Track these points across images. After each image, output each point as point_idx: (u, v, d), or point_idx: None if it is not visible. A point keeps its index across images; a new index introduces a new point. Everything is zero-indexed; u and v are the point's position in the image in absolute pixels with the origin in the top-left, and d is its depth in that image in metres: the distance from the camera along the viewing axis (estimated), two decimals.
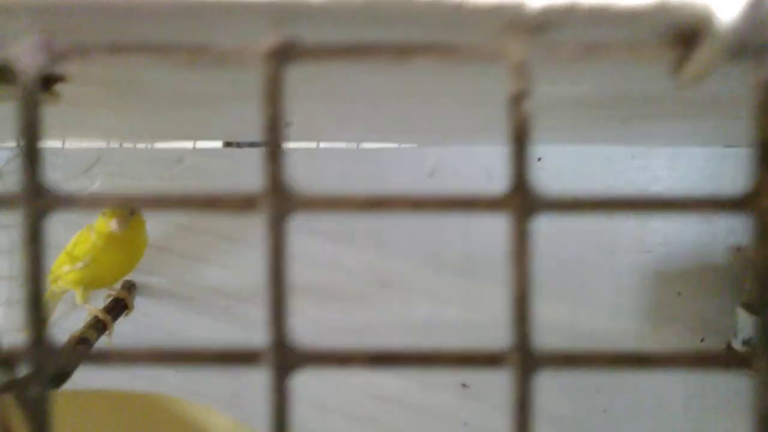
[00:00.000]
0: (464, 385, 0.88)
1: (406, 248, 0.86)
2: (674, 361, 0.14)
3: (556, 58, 0.14)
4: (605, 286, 0.86)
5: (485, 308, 0.85)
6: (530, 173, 0.14)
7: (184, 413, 0.29)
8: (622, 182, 0.84)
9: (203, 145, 0.84)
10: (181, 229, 0.83)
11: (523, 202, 0.14)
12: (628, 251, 0.85)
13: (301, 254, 0.86)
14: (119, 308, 0.75)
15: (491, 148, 0.82)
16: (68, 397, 0.30)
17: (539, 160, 0.84)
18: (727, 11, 0.13)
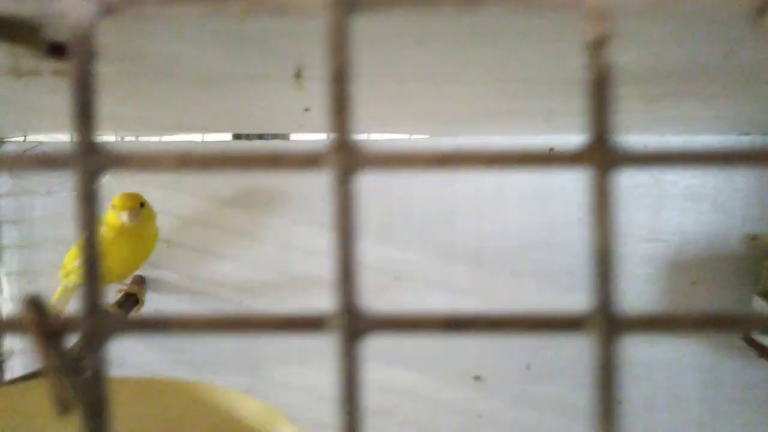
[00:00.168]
0: (477, 377, 0.87)
1: (418, 241, 0.85)
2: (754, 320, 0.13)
3: (634, 5, 0.13)
4: (619, 275, 0.85)
5: (498, 300, 0.85)
6: (611, 125, 0.13)
7: (217, 399, 0.28)
8: (636, 170, 0.83)
9: (212, 137, 0.83)
10: (190, 223, 0.82)
11: (604, 155, 0.13)
12: (642, 241, 0.84)
13: (312, 247, 0.85)
14: (130, 303, 0.74)
15: (503, 137, 0.81)
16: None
17: (552, 150, 0.83)
18: None
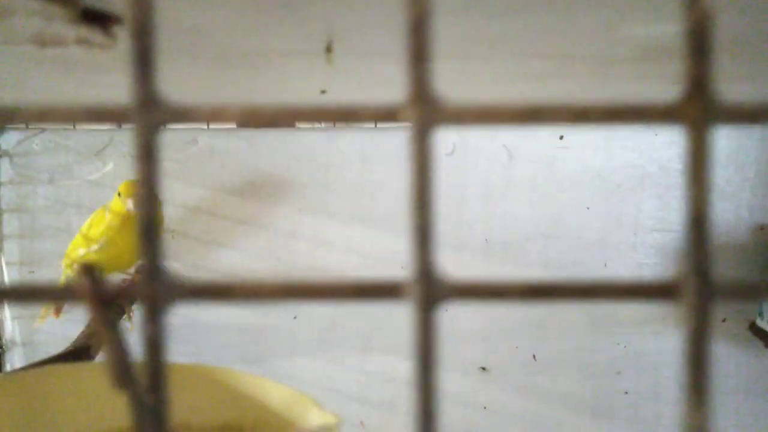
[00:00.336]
0: (483, 368, 0.87)
1: None
2: None
3: None
4: (628, 265, 0.84)
5: None
6: (710, 77, 0.12)
7: (244, 385, 0.27)
8: (645, 159, 0.83)
9: (217, 125, 0.82)
10: (194, 212, 0.81)
11: (701, 110, 0.12)
12: (650, 231, 0.84)
13: (319, 238, 0.84)
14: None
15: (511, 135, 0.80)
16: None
17: (561, 138, 0.82)
18: None
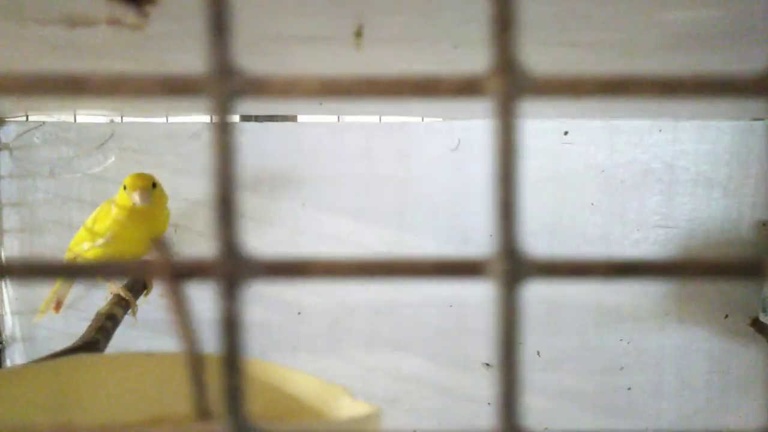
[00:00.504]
0: (487, 364, 0.86)
1: (428, 226, 0.84)
2: None
3: None
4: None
5: None
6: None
7: (271, 376, 0.27)
8: (649, 156, 0.83)
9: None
10: (199, 206, 0.81)
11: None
12: (654, 227, 0.84)
13: (323, 231, 0.84)
14: (139, 288, 0.72)
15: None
16: (155, 359, 0.28)
17: (566, 134, 0.82)
18: None
